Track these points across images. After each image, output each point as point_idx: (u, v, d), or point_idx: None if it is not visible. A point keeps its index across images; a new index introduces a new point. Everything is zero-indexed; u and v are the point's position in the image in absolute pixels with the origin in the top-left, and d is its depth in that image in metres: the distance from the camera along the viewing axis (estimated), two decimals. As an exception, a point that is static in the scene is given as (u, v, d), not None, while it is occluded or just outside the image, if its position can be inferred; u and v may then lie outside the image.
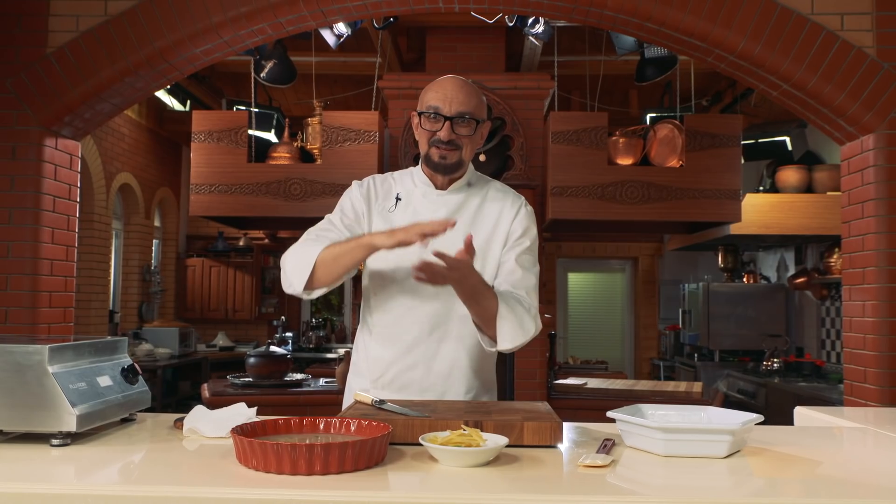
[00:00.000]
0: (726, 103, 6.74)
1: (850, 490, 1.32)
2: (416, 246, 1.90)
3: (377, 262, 2.05)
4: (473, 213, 2.07)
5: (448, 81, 2.02)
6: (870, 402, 3.27)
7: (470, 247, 1.79)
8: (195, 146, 5.07)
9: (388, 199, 2.09)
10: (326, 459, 1.34)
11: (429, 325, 2.03)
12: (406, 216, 2.05)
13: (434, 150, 2.00)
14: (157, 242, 8.87)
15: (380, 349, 2.07)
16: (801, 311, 7.06)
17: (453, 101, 1.97)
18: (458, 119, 1.97)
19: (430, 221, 1.80)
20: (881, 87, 3.28)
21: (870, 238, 3.32)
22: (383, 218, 2.07)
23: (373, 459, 1.40)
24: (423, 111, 2.01)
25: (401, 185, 2.11)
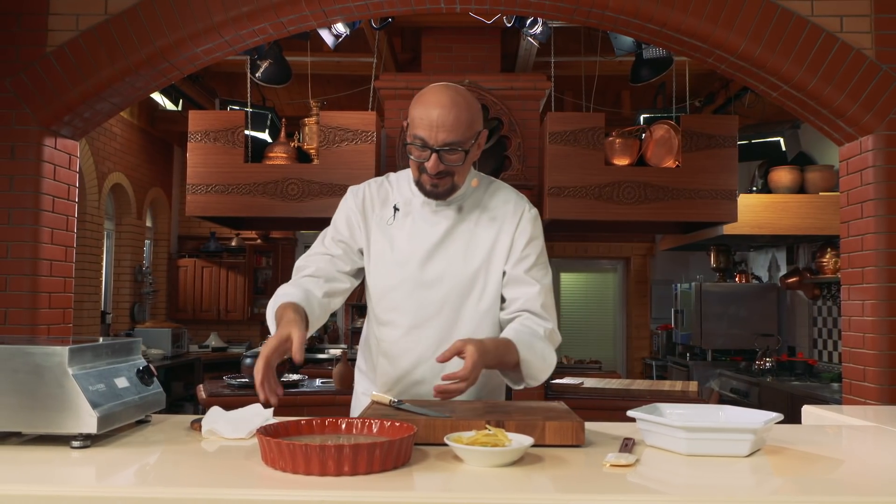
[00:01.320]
0: (719, 104, 6.78)
1: (879, 487, 1.33)
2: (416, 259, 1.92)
3: (377, 279, 1.99)
4: (474, 223, 1.99)
5: (435, 103, 1.83)
6: (869, 401, 3.30)
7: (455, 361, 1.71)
8: (191, 146, 5.05)
9: (385, 208, 2.00)
10: (355, 460, 1.34)
11: (434, 343, 1.96)
12: (404, 229, 1.98)
13: (425, 178, 1.89)
14: (149, 243, 8.82)
15: (386, 364, 2.03)
16: (793, 311, 7.11)
17: (439, 131, 1.81)
18: (445, 150, 1.84)
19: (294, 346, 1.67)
20: (880, 89, 3.31)
21: (869, 238, 3.35)
22: (382, 231, 1.99)
23: (399, 460, 1.40)
24: (410, 141, 1.87)
25: (398, 193, 2.02)
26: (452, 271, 1.96)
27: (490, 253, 1.98)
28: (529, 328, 1.93)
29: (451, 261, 1.96)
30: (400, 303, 1.97)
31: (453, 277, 1.95)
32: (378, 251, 1.99)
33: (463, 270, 1.96)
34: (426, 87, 1.91)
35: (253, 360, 5.14)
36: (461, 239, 1.97)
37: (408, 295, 1.96)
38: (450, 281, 1.95)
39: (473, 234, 1.98)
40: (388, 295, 1.98)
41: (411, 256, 1.96)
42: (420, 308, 1.96)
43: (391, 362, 2.02)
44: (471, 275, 1.96)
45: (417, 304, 1.96)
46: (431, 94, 1.87)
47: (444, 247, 1.96)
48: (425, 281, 1.95)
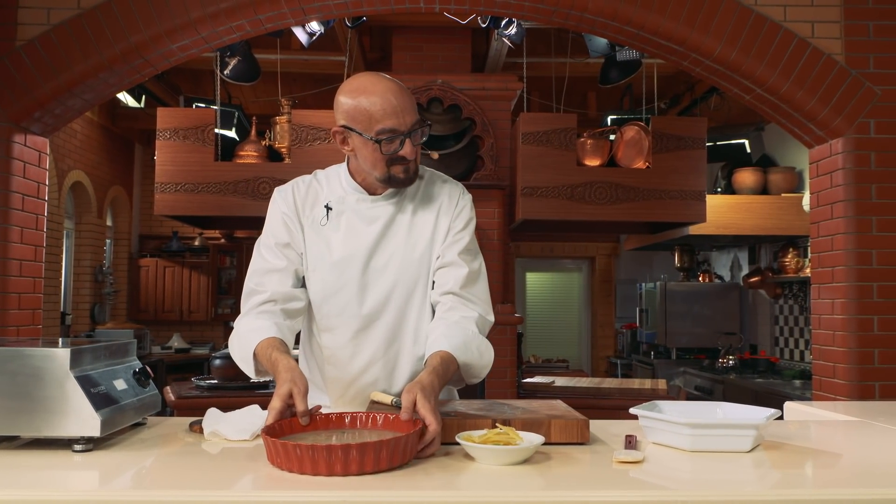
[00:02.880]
0: (684, 106, 6.89)
1: (881, 480, 1.37)
2: (357, 259, 1.85)
3: (317, 284, 1.89)
4: (410, 214, 1.91)
5: (388, 93, 1.76)
6: (839, 397, 3.39)
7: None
8: (160, 144, 4.97)
9: (316, 208, 1.90)
10: (362, 460, 1.33)
11: (383, 342, 1.89)
12: (340, 229, 1.88)
13: (397, 168, 1.81)
14: (110, 242, 8.65)
15: (334, 371, 1.93)
16: (755, 310, 7.26)
17: (405, 114, 1.76)
18: (414, 129, 1.78)
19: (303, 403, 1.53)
20: (849, 93, 3.40)
21: (839, 238, 3.44)
22: (316, 232, 1.89)
23: (406, 456, 1.40)
24: (379, 137, 1.75)
25: (328, 191, 1.91)
26: (395, 266, 1.89)
27: (431, 240, 1.91)
28: (460, 325, 1.84)
29: (393, 256, 1.89)
30: (343, 307, 1.88)
31: (397, 272, 1.89)
32: (315, 254, 1.89)
33: (406, 263, 1.89)
34: (355, 81, 1.80)
35: (223, 362, 5.07)
36: (401, 231, 1.90)
37: (351, 298, 1.87)
38: (394, 276, 1.88)
39: (412, 225, 1.91)
40: (329, 300, 1.89)
41: (351, 257, 1.87)
42: (366, 309, 1.88)
43: (339, 368, 1.93)
44: (415, 265, 1.89)
45: (363, 306, 1.88)
46: (374, 83, 1.78)
47: (385, 242, 1.89)
48: (368, 281, 1.88)
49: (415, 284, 1.90)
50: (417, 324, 1.91)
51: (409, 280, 1.89)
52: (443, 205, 1.93)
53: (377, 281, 1.88)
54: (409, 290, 1.90)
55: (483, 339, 1.88)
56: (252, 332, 1.79)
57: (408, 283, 1.89)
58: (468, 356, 1.79)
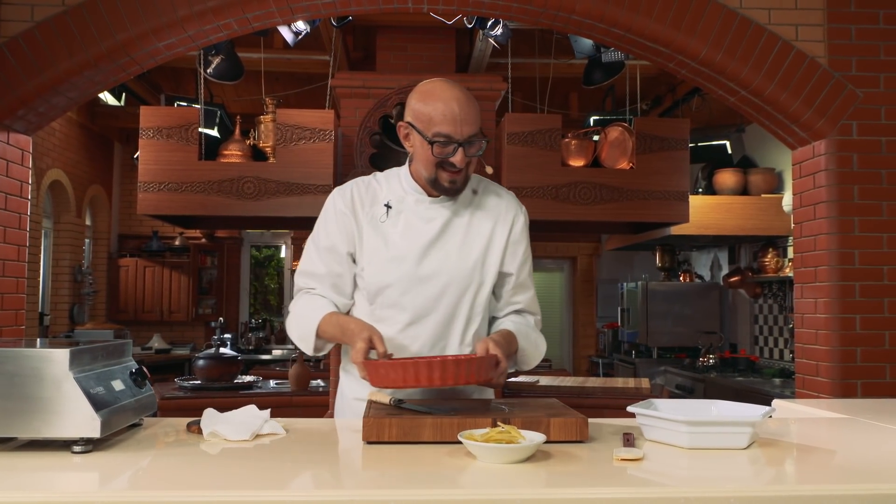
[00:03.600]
0: (666, 107, 6.95)
1: (876, 476, 1.40)
2: (412, 255, 1.95)
3: (373, 277, 1.98)
4: (467, 221, 2.01)
5: (451, 99, 1.88)
6: (822, 395, 3.44)
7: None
8: (143, 143, 4.92)
9: (375, 206, 2.01)
10: (449, 372, 1.62)
11: (432, 337, 1.98)
12: (398, 226, 1.98)
13: (443, 174, 1.92)
14: (89, 242, 8.56)
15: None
16: (735, 309, 7.33)
17: (463, 124, 1.87)
18: (469, 143, 1.89)
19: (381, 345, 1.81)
20: (832, 95, 3.45)
21: (821, 238, 3.49)
22: (374, 228, 1.99)
23: (482, 376, 1.69)
24: (433, 140, 1.88)
25: (388, 191, 2.02)
26: (449, 266, 1.97)
27: (486, 248, 2.01)
28: (524, 318, 2.08)
29: (448, 256, 1.98)
30: (397, 299, 1.96)
31: (450, 272, 1.97)
32: (372, 249, 1.98)
33: (460, 265, 1.98)
34: (428, 84, 1.94)
35: (206, 362, 5.04)
36: (457, 234, 1.99)
37: (405, 291, 1.96)
38: (447, 276, 1.96)
39: (469, 230, 2.00)
40: (384, 292, 1.97)
41: (408, 253, 1.96)
42: (418, 304, 1.96)
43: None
44: (468, 269, 1.98)
45: (415, 300, 1.96)
46: (443, 89, 1.90)
47: (441, 242, 1.98)
48: (422, 276, 1.96)
49: (466, 286, 1.99)
50: (466, 325, 2.00)
51: (462, 281, 1.98)
52: (500, 216, 2.04)
53: (430, 278, 1.97)
54: (460, 291, 1.98)
55: (540, 335, 2.09)
56: (312, 310, 1.98)
57: (460, 284, 1.98)
58: (527, 342, 1.99)
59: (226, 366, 5.06)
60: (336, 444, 1.64)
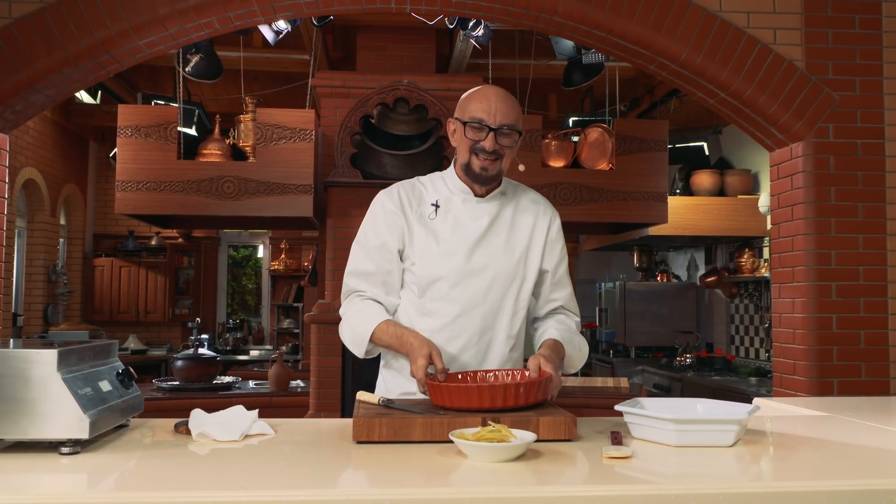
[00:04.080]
0: (643, 109, 7.01)
1: (858, 472, 1.43)
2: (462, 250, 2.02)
3: (423, 270, 2.05)
4: (510, 220, 2.10)
5: (491, 92, 2.03)
6: (799, 393, 3.49)
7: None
8: (121, 142, 4.88)
9: (422, 205, 2.10)
10: (507, 396, 1.68)
11: (479, 330, 2.05)
12: (447, 223, 2.07)
13: (475, 160, 2.01)
14: (63, 241, 8.45)
15: None
16: (711, 309, 7.41)
17: (497, 113, 1.98)
18: (502, 130, 1.98)
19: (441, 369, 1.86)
20: (810, 98, 3.50)
21: (799, 239, 3.54)
22: (423, 225, 2.08)
23: (539, 396, 1.75)
24: (468, 121, 2.00)
25: (434, 192, 2.12)
26: (496, 262, 2.06)
27: (528, 245, 2.11)
28: (566, 325, 2.14)
29: (495, 252, 2.06)
30: (447, 292, 2.04)
31: (497, 267, 2.06)
32: (423, 244, 2.06)
33: (506, 260, 2.07)
34: (478, 87, 2.09)
35: (185, 363, 5.00)
36: (502, 231, 2.08)
37: (454, 284, 2.04)
38: (494, 270, 2.05)
39: (512, 228, 2.10)
40: (434, 285, 2.05)
41: (457, 248, 2.05)
42: (466, 297, 2.04)
43: None
44: (514, 264, 2.08)
45: (464, 293, 2.04)
46: (487, 87, 2.07)
47: (488, 239, 2.06)
48: (471, 271, 2.04)
49: (511, 280, 2.08)
50: (511, 318, 2.08)
51: (507, 276, 2.07)
52: (539, 217, 2.14)
53: (478, 272, 2.05)
54: (505, 285, 2.07)
55: (582, 338, 2.16)
56: (366, 317, 2.05)
57: (505, 278, 2.07)
58: (571, 348, 2.06)
59: (205, 366, 5.02)
60: (326, 443, 1.64)
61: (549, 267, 2.14)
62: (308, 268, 8.25)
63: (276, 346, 8.43)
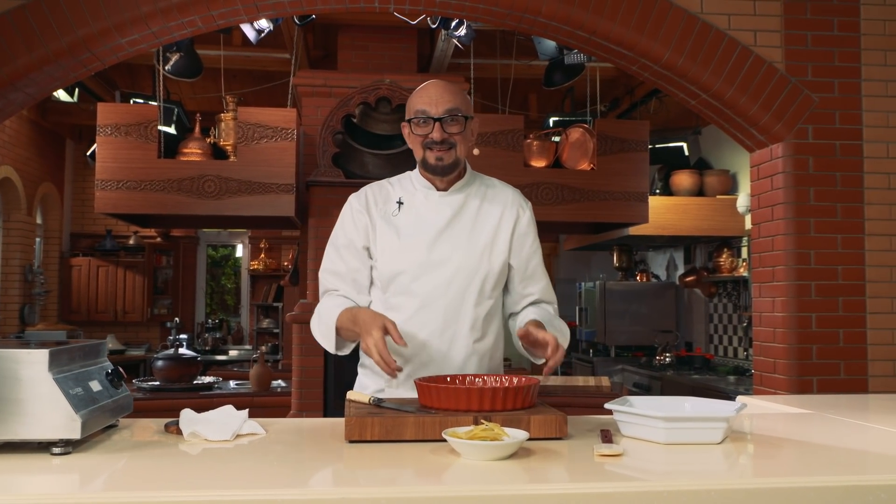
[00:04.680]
0: (623, 109, 7.05)
1: (847, 468, 1.46)
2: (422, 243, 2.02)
3: (385, 266, 2.06)
4: (475, 212, 2.10)
5: (431, 85, 2.06)
6: (779, 391, 3.53)
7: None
8: (100, 140, 4.83)
9: (388, 204, 2.12)
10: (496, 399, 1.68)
11: (442, 322, 2.05)
12: (409, 219, 2.09)
13: (429, 154, 2.04)
14: (39, 241, 8.35)
15: (393, 350, 2.03)
16: (691, 308, 7.48)
17: (439, 102, 2.01)
18: (447, 118, 2.00)
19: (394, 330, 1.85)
20: (789, 100, 3.55)
21: (779, 239, 3.59)
22: (387, 222, 2.09)
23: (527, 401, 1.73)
24: (412, 117, 2.04)
25: (400, 190, 2.14)
26: (459, 254, 2.05)
27: (494, 236, 2.09)
28: (545, 310, 2.13)
29: (457, 243, 2.06)
30: (408, 286, 2.05)
31: (459, 259, 2.05)
32: (385, 240, 2.08)
33: (469, 252, 2.06)
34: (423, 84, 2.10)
35: (165, 363, 4.97)
36: (466, 223, 2.08)
37: (416, 277, 2.04)
38: (456, 262, 2.05)
39: (477, 217, 2.09)
40: (396, 279, 2.06)
41: (418, 241, 2.06)
42: (427, 289, 2.04)
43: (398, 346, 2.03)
44: (477, 256, 2.06)
45: (425, 286, 2.04)
46: (429, 83, 2.08)
47: (450, 230, 2.07)
48: (432, 263, 2.04)
49: (475, 272, 2.07)
50: (475, 311, 2.07)
51: (470, 269, 2.06)
52: (506, 209, 2.13)
53: (439, 265, 2.05)
54: (469, 278, 2.06)
55: (562, 322, 2.14)
56: (330, 308, 2.04)
57: (468, 271, 2.06)
58: (552, 329, 2.00)
59: (185, 366, 4.99)
60: (318, 443, 1.64)
61: (519, 260, 2.13)
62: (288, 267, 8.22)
63: (256, 346, 8.39)
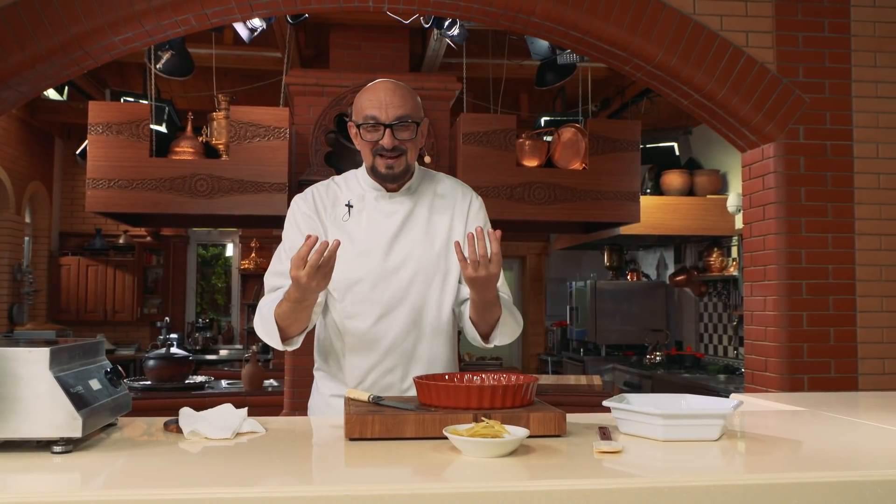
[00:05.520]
0: (614, 109, 7.08)
1: (840, 464, 1.47)
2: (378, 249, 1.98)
3: (341, 275, 1.96)
4: (427, 212, 2.06)
5: (380, 87, 1.97)
6: (770, 389, 3.56)
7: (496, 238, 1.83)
8: (92, 139, 4.81)
9: (337, 207, 2.06)
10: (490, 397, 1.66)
11: (404, 327, 2.01)
12: (361, 223, 2.03)
13: (379, 161, 1.98)
14: (28, 240, 8.30)
15: (356, 357, 2.04)
16: (681, 307, 7.52)
17: (389, 107, 1.93)
18: (398, 124, 1.94)
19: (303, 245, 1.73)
20: (781, 100, 3.58)
21: (770, 238, 3.62)
22: (339, 228, 2.03)
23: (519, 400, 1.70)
24: (361, 122, 1.96)
25: (347, 191, 2.08)
26: (416, 256, 2.02)
27: (448, 235, 2.06)
28: (500, 295, 2.01)
29: (414, 246, 2.03)
30: (367, 294, 2.00)
31: (417, 262, 2.02)
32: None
33: (426, 254, 2.03)
34: (370, 84, 2.02)
35: (157, 362, 4.96)
36: (419, 225, 2.04)
37: (374, 285, 2.00)
38: (414, 265, 2.01)
39: (430, 219, 2.06)
40: (353, 288, 2.01)
41: (373, 247, 2.01)
42: (387, 296, 2.00)
43: (361, 354, 2.03)
44: (434, 258, 2.03)
45: (385, 293, 2.00)
46: (376, 83, 2.00)
47: (404, 234, 2.03)
48: (389, 269, 2.00)
49: (433, 275, 2.03)
50: (437, 313, 2.03)
51: (429, 271, 2.03)
52: (457, 203, 2.11)
53: (397, 270, 2.01)
54: (427, 280, 2.03)
55: (515, 309, 2.08)
56: (269, 303, 1.96)
57: (427, 273, 2.03)
58: (508, 315, 1.99)
59: (177, 366, 4.98)
60: (318, 441, 1.65)
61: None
62: (279, 267, 8.20)
63: (247, 346, 8.37)
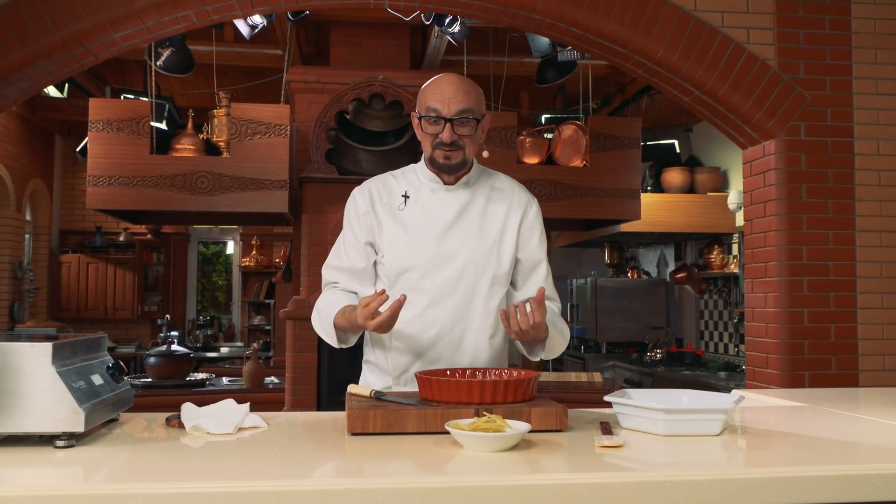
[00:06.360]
0: (615, 107, 7.07)
1: (841, 458, 1.47)
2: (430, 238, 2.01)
3: (393, 262, 2.03)
4: (482, 207, 2.08)
5: (444, 81, 2.01)
6: (771, 385, 3.56)
7: (541, 303, 1.87)
8: (92, 136, 4.81)
9: (393, 198, 2.09)
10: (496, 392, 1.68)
11: (451, 320, 2.03)
12: (416, 213, 2.06)
13: (438, 153, 2.01)
14: (29, 237, 8.31)
15: (401, 346, 2.06)
16: (681, 304, 7.52)
17: (452, 101, 1.96)
18: (459, 119, 1.97)
19: (372, 297, 1.84)
20: (782, 97, 3.58)
21: (771, 235, 3.62)
22: (393, 217, 2.07)
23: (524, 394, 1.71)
24: (424, 115, 2.00)
25: (405, 184, 2.11)
26: (468, 248, 2.03)
27: (502, 231, 2.08)
28: (549, 308, 2.03)
29: (466, 238, 2.04)
30: (417, 282, 2.02)
31: (469, 254, 2.03)
32: (391, 235, 2.05)
33: (478, 247, 2.04)
34: (435, 76, 2.05)
35: (158, 360, 4.96)
36: (474, 218, 2.06)
37: (425, 273, 2.02)
38: (465, 257, 2.03)
39: (485, 213, 2.08)
40: (404, 275, 2.04)
41: (426, 236, 2.03)
42: (437, 285, 2.02)
43: (406, 343, 2.04)
44: (486, 251, 2.05)
45: (434, 282, 2.02)
46: (442, 76, 2.04)
47: (458, 225, 2.05)
48: (441, 258, 2.02)
49: (484, 268, 2.04)
50: (485, 307, 2.05)
51: (479, 264, 2.04)
52: (513, 204, 2.11)
53: (448, 261, 2.03)
54: (478, 273, 2.04)
55: (564, 323, 2.11)
56: (328, 305, 2.04)
57: (477, 266, 2.04)
58: (554, 331, 2.01)
59: (178, 363, 4.98)
60: (320, 436, 1.65)
61: (525, 255, 2.10)
62: (280, 264, 8.21)
63: (248, 343, 8.38)
